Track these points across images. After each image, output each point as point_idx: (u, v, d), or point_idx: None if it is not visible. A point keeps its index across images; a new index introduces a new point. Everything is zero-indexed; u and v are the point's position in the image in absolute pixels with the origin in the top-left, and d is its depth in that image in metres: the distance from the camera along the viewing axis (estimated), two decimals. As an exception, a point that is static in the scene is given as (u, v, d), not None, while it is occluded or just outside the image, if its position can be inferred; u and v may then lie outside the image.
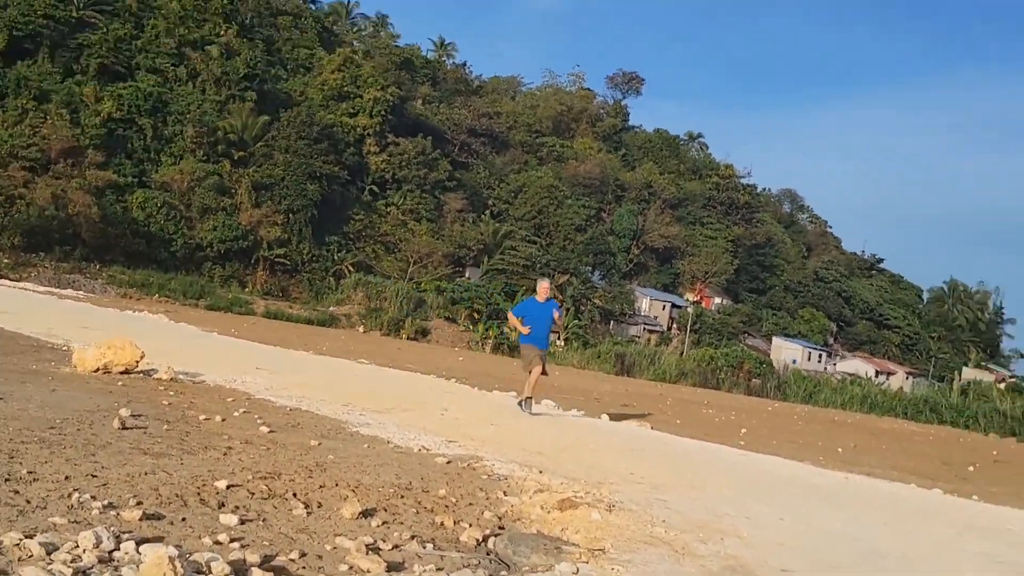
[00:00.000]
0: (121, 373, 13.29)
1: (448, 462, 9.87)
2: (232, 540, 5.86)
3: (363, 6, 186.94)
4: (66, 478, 6.71)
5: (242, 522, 6.31)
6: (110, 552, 5.24)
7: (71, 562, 4.96)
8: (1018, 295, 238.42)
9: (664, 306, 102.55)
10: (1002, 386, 78.50)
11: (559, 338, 66.93)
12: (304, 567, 5.61)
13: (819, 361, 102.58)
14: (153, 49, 76.73)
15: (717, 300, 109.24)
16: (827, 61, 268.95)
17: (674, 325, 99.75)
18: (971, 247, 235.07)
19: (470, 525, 7.13)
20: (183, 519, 6.21)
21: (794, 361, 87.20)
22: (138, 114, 70.89)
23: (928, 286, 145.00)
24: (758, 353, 76.57)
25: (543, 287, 15.80)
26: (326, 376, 18.41)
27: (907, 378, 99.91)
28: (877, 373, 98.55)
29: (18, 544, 5.13)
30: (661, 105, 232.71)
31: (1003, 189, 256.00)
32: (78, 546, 5.21)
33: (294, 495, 7.23)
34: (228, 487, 7.13)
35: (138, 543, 5.39)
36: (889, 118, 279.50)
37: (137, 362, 13.61)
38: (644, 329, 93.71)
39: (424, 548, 6.37)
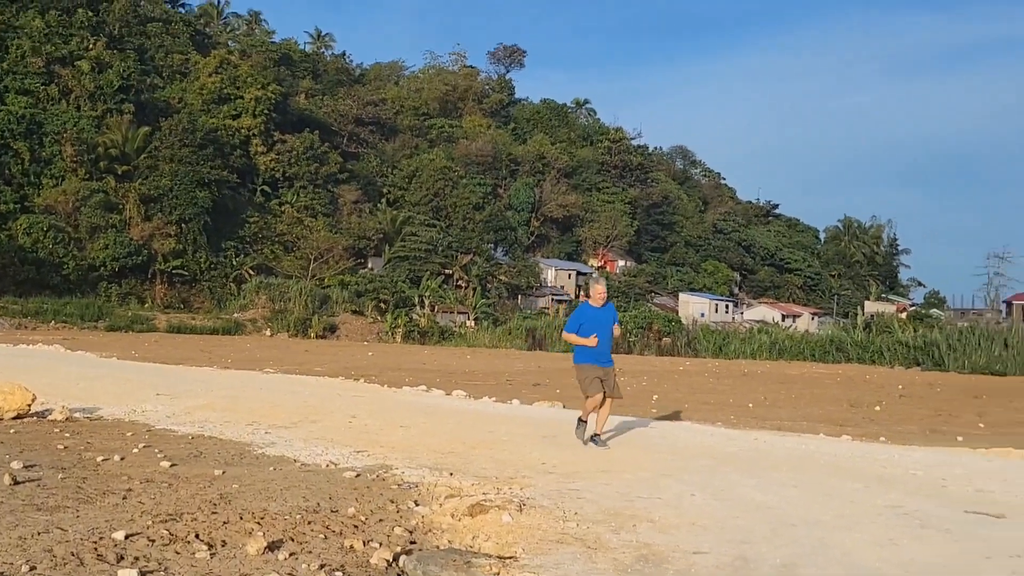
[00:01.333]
0: (13, 419, 12.86)
1: (357, 475, 9.73)
2: (131, 599, 5.67)
3: (234, 5, 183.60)
4: (-47, 554, 6.42)
5: (142, 575, 6.11)
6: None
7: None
8: (909, 225, 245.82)
9: (570, 275, 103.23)
10: (903, 316, 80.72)
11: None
12: (207, 619, 5.45)
13: (727, 312, 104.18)
14: (20, 70, 74.34)
15: (621, 263, 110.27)
16: (705, 12, 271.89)
17: (581, 293, 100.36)
18: (860, 184, 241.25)
19: (380, 545, 7.01)
20: (79, 581, 5.99)
21: (702, 315, 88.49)
22: (12, 138, 68.91)
23: (823, 226, 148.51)
24: (666, 311, 77.51)
25: (598, 290, 12.46)
26: (230, 394, 18.04)
27: (812, 319, 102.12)
28: (784, 317, 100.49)
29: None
30: (546, 75, 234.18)
31: (885, 124, 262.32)
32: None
33: (197, 536, 7.03)
34: (127, 537, 6.90)
35: (29, 618, 5.17)
36: (769, 65, 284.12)
37: (29, 405, 13.18)
38: (552, 300, 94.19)
39: (333, 579, 6.25)
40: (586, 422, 12.31)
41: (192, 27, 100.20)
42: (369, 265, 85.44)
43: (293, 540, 7.11)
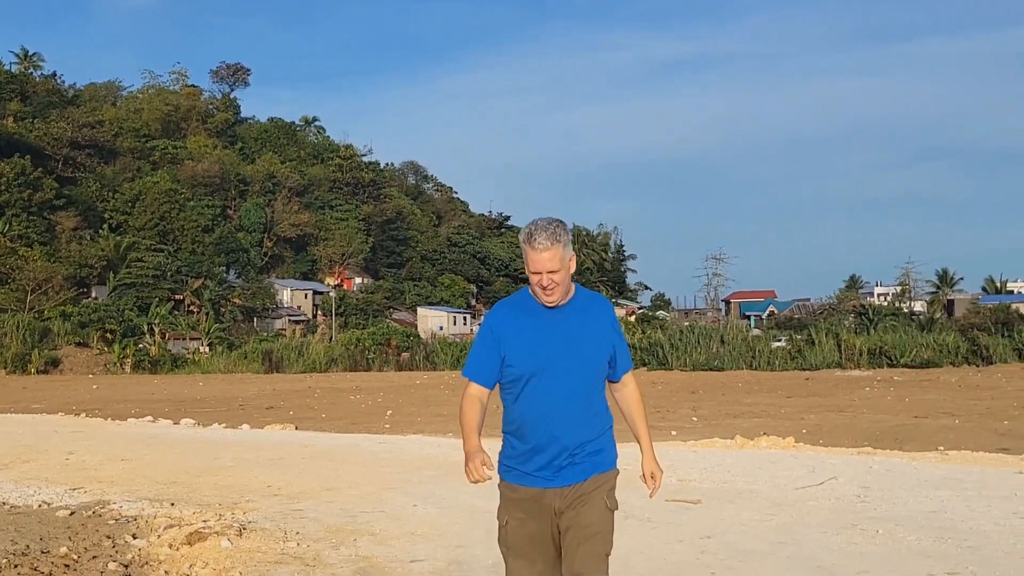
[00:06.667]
0: None
1: (71, 513, 9.39)
2: None
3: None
4: None
5: None
6: None
7: None
8: (633, 232, 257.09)
9: (306, 294, 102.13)
10: (632, 319, 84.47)
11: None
12: None
13: (464, 324, 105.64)
14: None
15: (358, 280, 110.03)
16: (424, 33, 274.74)
17: (319, 312, 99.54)
18: (586, 194, 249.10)
19: (92, 583, 6.83)
20: None
21: (441, 328, 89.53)
22: None
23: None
24: (405, 326, 77.98)
25: (540, 257, 4.24)
26: (-65, 439, 16.93)
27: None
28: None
29: None
30: (272, 92, 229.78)
31: (603, 136, 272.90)
32: None
33: None
34: None
35: None
36: (488, 81, 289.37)
37: None
38: (289, 321, 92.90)
39: (38, 622, 6.05)
40: None
41: None
42: (93, 294, 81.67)
43: (-3, 587, 6.82)
